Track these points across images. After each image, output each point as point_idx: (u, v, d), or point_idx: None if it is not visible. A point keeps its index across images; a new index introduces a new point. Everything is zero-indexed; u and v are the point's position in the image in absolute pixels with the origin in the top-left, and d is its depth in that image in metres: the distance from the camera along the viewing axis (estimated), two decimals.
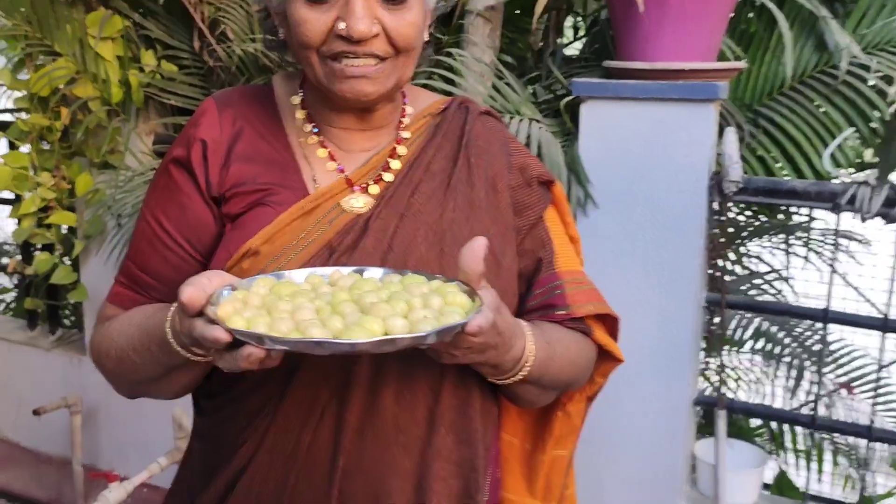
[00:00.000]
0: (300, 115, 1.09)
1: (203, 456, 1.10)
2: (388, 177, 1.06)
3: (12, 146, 2.87)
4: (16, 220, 2.99)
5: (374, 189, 1.05)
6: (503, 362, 0.95)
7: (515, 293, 1.10)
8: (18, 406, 3.21)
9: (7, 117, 3.26)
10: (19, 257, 3.17)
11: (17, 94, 2.80)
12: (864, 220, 1.90)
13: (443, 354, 0.88)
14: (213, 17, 2.47)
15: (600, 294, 1.15)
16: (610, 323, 1.16)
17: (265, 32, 1.12)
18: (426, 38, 1.07)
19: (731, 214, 2.14)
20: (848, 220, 1.99)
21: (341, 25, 0.95)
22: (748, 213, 2.67)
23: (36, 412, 2.84)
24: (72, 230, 2.93)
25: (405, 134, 1.10)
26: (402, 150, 1.08)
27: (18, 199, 2.93)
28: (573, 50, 2.99)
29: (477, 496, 1.04)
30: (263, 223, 1.00)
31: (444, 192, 1.05)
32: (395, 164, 1.07)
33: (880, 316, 1.98)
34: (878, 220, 1.91)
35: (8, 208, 3.10)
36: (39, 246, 3.16)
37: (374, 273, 0.93)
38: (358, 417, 0.98)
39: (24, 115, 2.78)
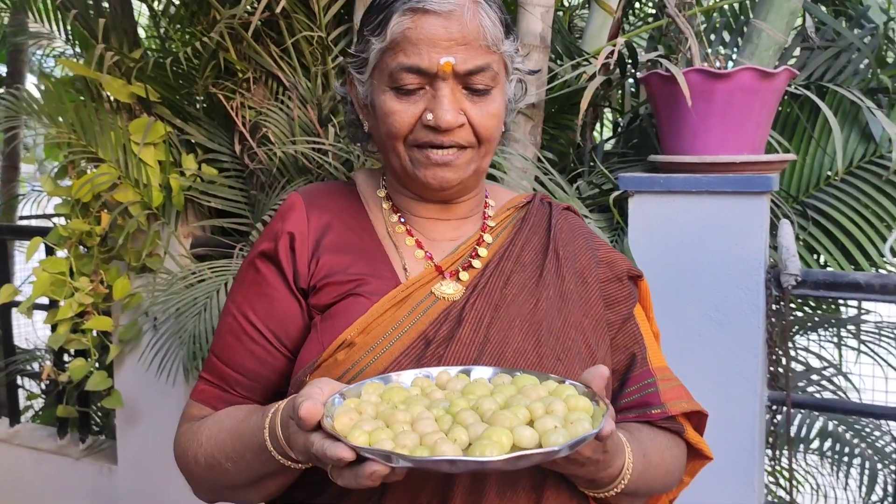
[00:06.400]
0: (386, 206, 1.11)
1: None
2: (476, 264, 1.07)
3: (49, 251, 2.87)
4: (49, 326, 2.97)
5: (465, 276, 1.06)
6: (600, 479, 0.94)
7: (610, 387, 1.08)
8: None
9: (42, 221, 3.29)
10: (49, 362, 3.13)
11: (57, 200, 2.82)
12: None
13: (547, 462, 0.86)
14: (254, 121, 2.50)
15: (687, 390, 1.14)
16: (696, 419, 1.15)
17: (347, 124, 1.16)
18: (503, 129, 1.09)
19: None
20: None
21: (429, 116, 0.98)
22: (793, 306, 2.60)
23: None
24: (105, 334, 2.89)
25: (491, 223, 1.12)
26: (488, 238, 1.10)
27: (53, 303, 2.91)
28: (607, 145, 3.00)
29: None
30: (357, 313, 1.00)
31: (536, 283, 1.06)
32: (483, 252, 1.08)
33: None
34: None
35: (39, 313, 3.08)
36: (72, 351, 3.13)
37: (482, 373, 0.92)
38: None
39: (61, 221, 2.79)
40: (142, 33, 3.30)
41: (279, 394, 1.05)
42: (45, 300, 2.97)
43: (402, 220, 1.10)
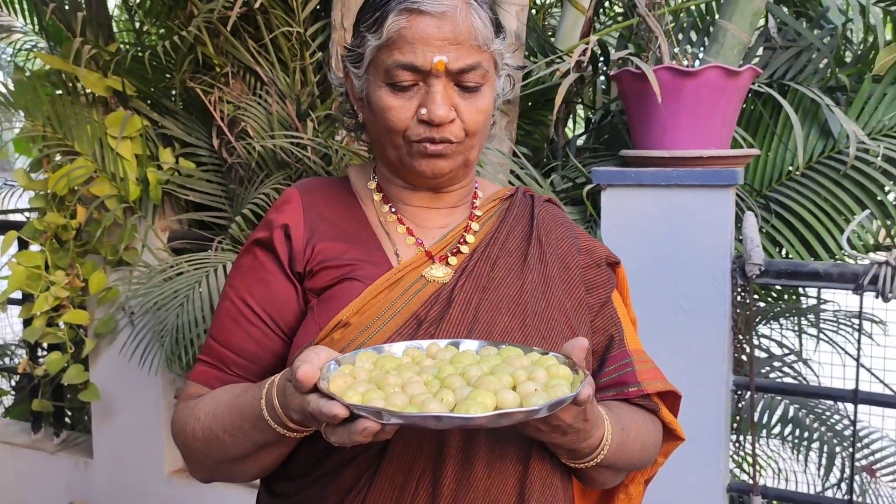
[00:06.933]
0: (377, 197, 1.17)
1: None
2: (464, 249, 1.13)
3: (22, 245, 2.86)
4: (22, 320, 2.96)
5: (453, 260, 1.12)
6: (580, 448, 1.00)
7: (590, 367, 1.14)
8: None
9: (16, 215, 3.27)
10: (24, 356, 3.11)
11: (31, 193, 2.81)
12: (886, 300, 1.93)
13: (528, 427, 0.92)
14: (232, 116, 2.53)
15: (662, 372, 1.20)
16: (670, 401, 1.21)
17: (343, 114, 1.21)
18: (492, 121, 1.15)
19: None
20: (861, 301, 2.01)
21: (423, 111, 1.04)
22: (756, 296, 2.70)
23: None
24: (80, 328, 2.89)
25: (478, 212, 1.18)
26: (475, 226, 1.16)
27: (26, 297, 2.90)
28: (580, 140, 3.08)
29: None
30: (352, 295, 1.05)
31: (520, 267, 1.12)
32: (471, 239, 1.14)
33: None
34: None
35: (12, 307, 3.06)
36: (45, 345, 3.11)
37: (469, 345, 0.97)
38: (451, 489, 1.00)
39: (35, 215, 2.79)
40: (114, 27, 3.29)
41: (275, 374, 1.10)
42: (17, 294, 2.96)
43: (393, 209, 1.16)
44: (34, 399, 2.98)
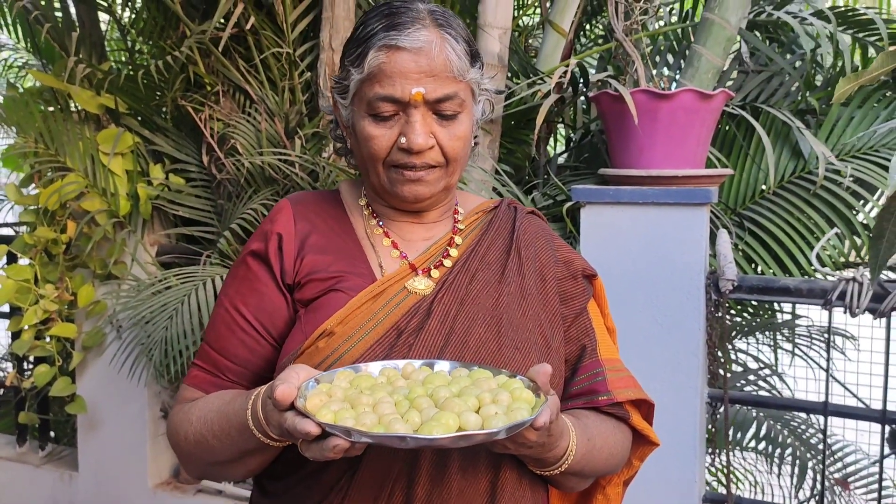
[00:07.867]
0: (366, 212, 1.23)
1: None
2: (447, 262, 1.19)
3: (11, 259, 2.89)
4: (9, 333, 2.98)
5: (436, 273, 1.17)
6: (545, 458, 1.05)
7: (562, 375, 1.20)
8: None
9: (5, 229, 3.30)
10: (12, 370, 3.13)
11: (20, 208, 2.85)
12: (853, 315, 2.00)
13: (495, 445, 0.96)
14: (221, 133, 2.58)
15: (636, 381, 1.24)
16: (645, 408, 1.25)
17: (334, 139, 1.28)
18: (472, 144, 1.21)
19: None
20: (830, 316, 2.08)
21: (403, 140, 1.11)
22: (732, 312, 2.78)
23: None
24: (67, 341, 2.92)
25: (461, 226, 1.24)
26: (458, 239, 1.22)
27: (13, 311, 2.93)
28: (560, 159, 3.15)
29: None
30: (337, 306, 1.10)
31: (498, 280, 1.17)
32: (454, 252, 1.20)
33: (878, 408, 2.05)
34: (867, 316, 2.01)
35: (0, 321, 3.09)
36: (32, 358, 3.14)
37: (443, 366, 1.02)
38: (426, 489, 1.05)
39: (24, 229, 2.82)
40: (107, 46, 3.34)
41: (266, 379, 1.16)
42: (5, 307, 2.99)
43: (381, 223, 1.22)
44: (19, 412, 3.01)
